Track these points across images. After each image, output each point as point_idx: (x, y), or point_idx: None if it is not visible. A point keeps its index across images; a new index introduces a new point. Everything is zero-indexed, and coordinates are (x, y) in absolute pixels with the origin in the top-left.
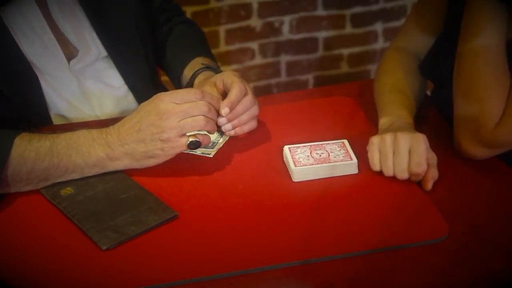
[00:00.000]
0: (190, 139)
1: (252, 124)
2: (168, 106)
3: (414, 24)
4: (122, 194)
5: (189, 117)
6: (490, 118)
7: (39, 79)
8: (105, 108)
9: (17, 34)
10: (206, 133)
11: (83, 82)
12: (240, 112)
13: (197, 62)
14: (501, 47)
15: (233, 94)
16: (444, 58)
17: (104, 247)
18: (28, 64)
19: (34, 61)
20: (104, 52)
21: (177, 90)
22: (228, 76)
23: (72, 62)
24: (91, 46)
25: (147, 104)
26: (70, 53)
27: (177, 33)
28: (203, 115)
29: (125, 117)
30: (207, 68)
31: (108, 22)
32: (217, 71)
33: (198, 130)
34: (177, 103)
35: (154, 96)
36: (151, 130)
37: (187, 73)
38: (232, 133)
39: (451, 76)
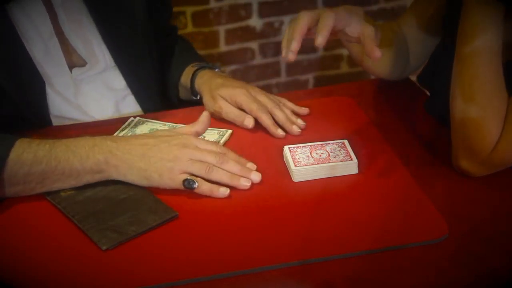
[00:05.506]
0: (187, 177)
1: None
2: (191, 141)
3: (410, 14)
4: (122, 194)
5: (200, 162)
6: (489, 140)
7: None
8: (104, 109)
9: (24, 35)
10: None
11: (83, 87)
12: None
13: (189, 68)
14: (499, 50)
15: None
16: (444, 67)
17: (104, 247)
18: (33, 65)
19: (36, 64)
20: (112, 63)
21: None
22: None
23: (74, 71)
24: (99, 57)
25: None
26: (74, 62)
27: (176, 46)
28: (214, 166)
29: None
30: (200, 69)
31: (118, 34)
32: (209, 66)
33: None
34: (199, 146)
35: (182, 136)
36: (161, 153)
37: (184, 80)
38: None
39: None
